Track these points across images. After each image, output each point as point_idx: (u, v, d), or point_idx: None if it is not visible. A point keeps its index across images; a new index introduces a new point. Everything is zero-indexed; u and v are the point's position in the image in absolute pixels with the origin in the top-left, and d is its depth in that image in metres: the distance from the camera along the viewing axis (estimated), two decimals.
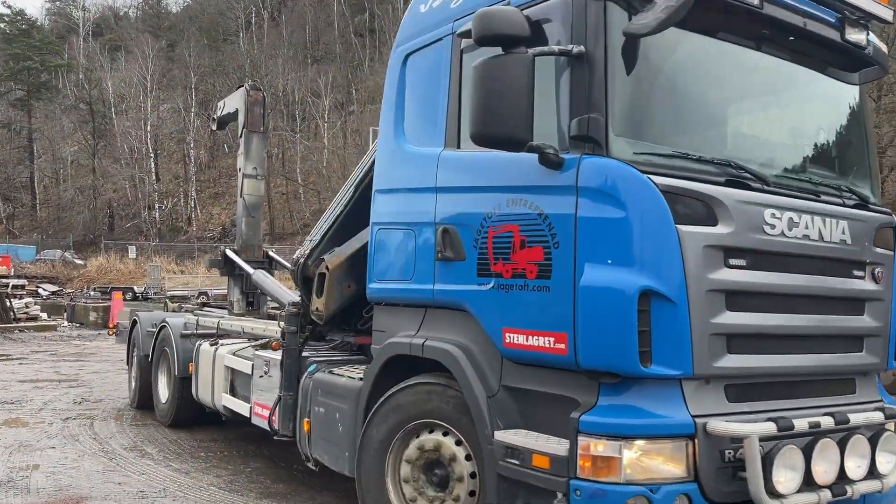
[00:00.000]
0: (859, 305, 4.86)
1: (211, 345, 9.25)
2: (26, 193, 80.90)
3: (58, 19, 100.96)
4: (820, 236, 4.58)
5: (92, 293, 42.51)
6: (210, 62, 76.87)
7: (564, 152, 4.22)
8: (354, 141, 66.17)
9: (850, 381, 4.93)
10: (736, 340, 4.20)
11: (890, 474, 4.54)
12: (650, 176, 4.02)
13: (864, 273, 4.87)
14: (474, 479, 4.80)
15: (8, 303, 27.67)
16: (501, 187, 4.61)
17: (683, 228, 4.01)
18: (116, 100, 77.69)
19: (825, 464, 4.23)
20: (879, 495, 4.62)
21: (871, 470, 4.46)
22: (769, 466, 3.98)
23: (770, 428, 4.06)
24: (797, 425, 4.16)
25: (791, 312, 4.46)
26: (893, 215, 5.18)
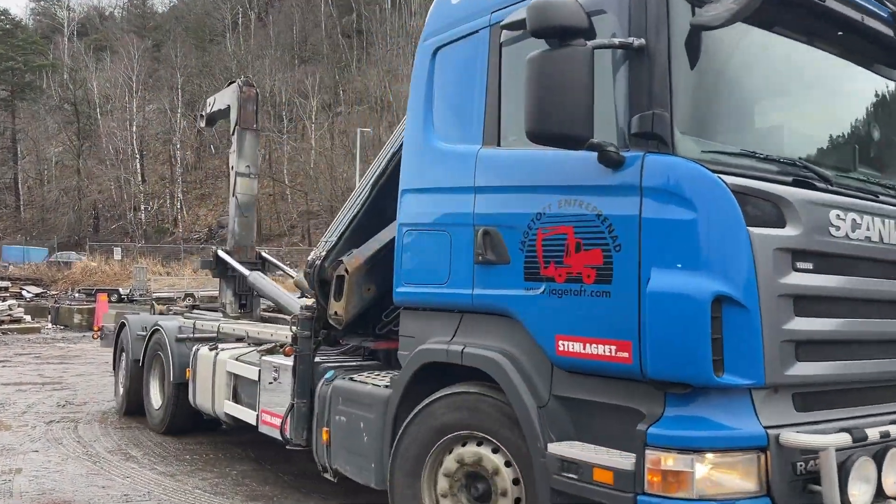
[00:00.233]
0: None
1: (210, 349, 8.93)
2: (10, 195, 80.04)
3: (42, 19, 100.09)
4: (880, 238, 4.40)
5: (77, 295, 41.92)
6: (196, 63, 76.40)
7: (624, 150, 4.01)
8: (342, 142, 66.07)
9: None
10: (804, 347, 4.00)
11: None
12: (720, 175, 3.82)
13: None
14: (518, 494, 4.57)
15: None
16: (551, 187, 4.38)
17: (754, 230, 3.81)
18: (102, 100, 77.13)
19: (895, 474, 4.05)
20: None
21: None
22: (844, 479, 3.78)
23: (845, 439, 3.87)
24: (870, 435, 3.97)
25: (857, 317, 4.28)
26: None
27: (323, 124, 69.27)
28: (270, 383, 7.31)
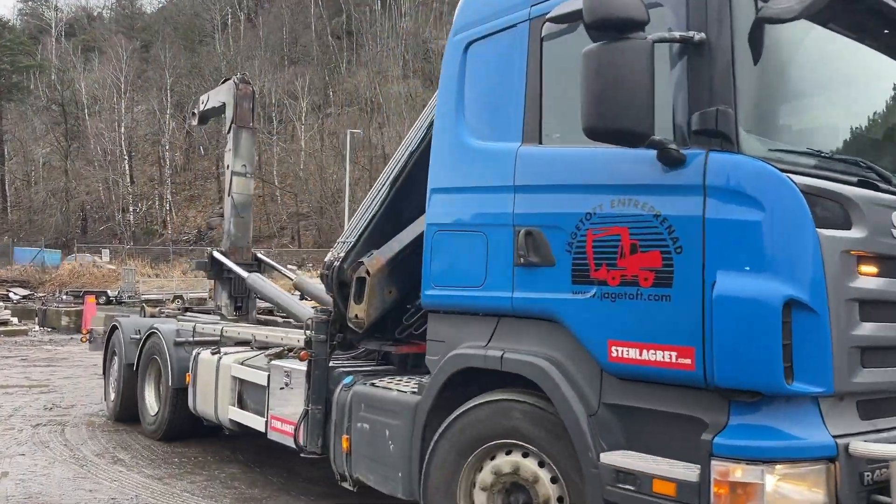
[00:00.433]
0: None
1: (212, 353, 8.67)
2: None
3: (30, 20, 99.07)
4: None
5: (64, 297, 41.46)
6: (185, 63, 75.91)
7: (684, 148, 3.85)
8: (332, 143, 65.93)
9: None
10: (869, 353, 3.86)
11: None
12: (788, 175, 3.67)
13: None
14: None
15: None
16: (602, 186, 4.21)
17: (823, 232, 3.67)
18: (90, 101, 76.39)
19: None
20: None
21: None
22: None
23: None
24: None
25: None
26: None
27: (312, 125, 69.06)
28: (281, 388, 7.09)
